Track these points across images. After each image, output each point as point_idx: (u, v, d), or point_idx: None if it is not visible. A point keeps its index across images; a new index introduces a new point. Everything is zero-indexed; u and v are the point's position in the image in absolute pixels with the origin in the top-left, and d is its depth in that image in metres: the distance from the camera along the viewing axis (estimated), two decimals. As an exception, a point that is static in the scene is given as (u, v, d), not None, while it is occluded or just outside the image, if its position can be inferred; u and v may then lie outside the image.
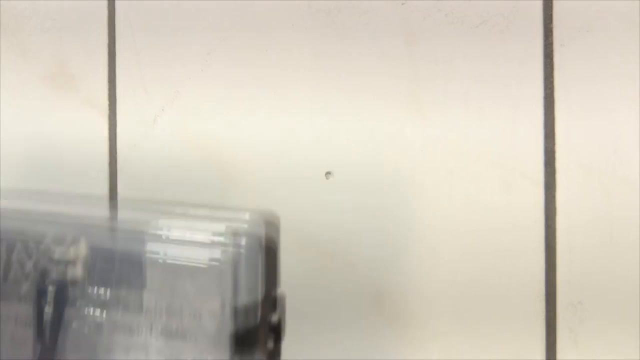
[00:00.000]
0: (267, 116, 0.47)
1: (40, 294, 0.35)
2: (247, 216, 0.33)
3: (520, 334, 0.42)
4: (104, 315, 0.35)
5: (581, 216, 0.41)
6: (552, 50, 0.41)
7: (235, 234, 0.32)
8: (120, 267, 0.34)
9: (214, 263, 0.32)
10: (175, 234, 0.33)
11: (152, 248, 0.33)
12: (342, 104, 0.45)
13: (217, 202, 0.48)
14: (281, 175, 0.47)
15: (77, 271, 0.35)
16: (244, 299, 0.32)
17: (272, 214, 0.33)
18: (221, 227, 0.32)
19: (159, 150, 0.49)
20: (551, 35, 0.41)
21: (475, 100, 0.43)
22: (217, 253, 0.32)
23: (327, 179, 0.46)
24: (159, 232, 0.33)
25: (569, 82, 0.41)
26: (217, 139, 0.48)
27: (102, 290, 0.35)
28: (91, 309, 0.35)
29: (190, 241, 0.33)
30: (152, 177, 0.49)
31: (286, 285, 0.39)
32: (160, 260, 0.33)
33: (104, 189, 0.50)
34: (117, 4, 0.50)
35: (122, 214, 0.38)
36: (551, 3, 0.41)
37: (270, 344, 0.33)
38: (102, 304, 0.35)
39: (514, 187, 0.42)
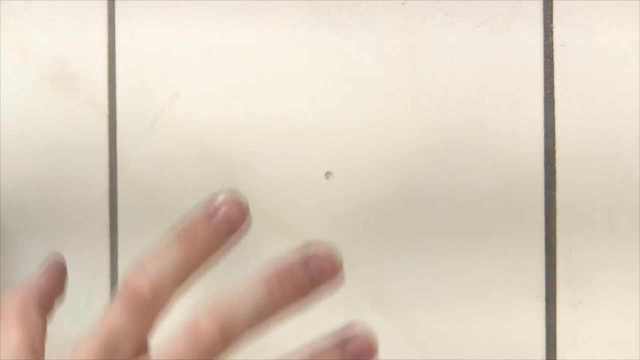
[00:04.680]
0: (267, 116, 0.47)
1: None
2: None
3: (520, 334, 0.42)
4: None
5: (581, 216, 0.41)
6: (552, 50, 0.41)
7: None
8: None
9: None
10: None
11: None
12: (342, 103, 0.45)
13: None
14: (281, 175, 0.47)
15: None
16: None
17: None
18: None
19: (159, 150, 0.49)
20: (551, 35, 0.41)
21: (475, 100, 0.42)
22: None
23: (327, 179, 0.46)
24: None
25: (569, 82, 0.41)
26: (217, 139, 0.48)
27: None
28: None
29: None
30: (152, 177, 0.49)
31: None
32: None
33: (104, 188, 0.50)
34: (117, 4, 0.50)
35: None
36: (551, 3, 0.41)
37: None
38: None
39: (514, 187, 0.42)
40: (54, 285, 0.41)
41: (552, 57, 0.41)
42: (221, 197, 0.33)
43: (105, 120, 0.50)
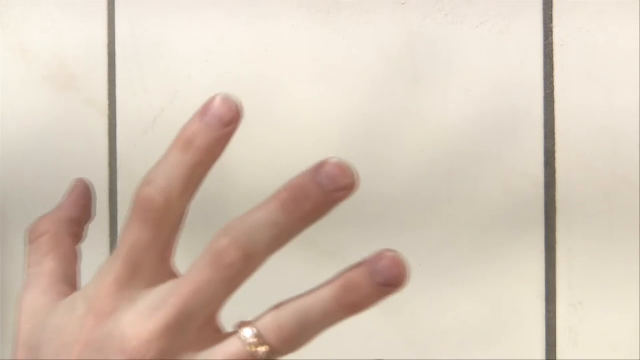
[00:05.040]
0: (266, 116, 0.47)
1: None
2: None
3: (520, 334, 0.42)
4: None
5: (581, 216, 0.41)
6: (552, 50, 0.41)
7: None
8: None
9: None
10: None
11: None
12: (342, 103, 0.45)
13: (216, 202, 0.48)
14: (281, 176, 0.47)
15: None
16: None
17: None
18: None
19: (159, 150, 0.49)
20: (551, 35, 0.41)
21: (475, 100, 0.43)
22: None
23: (327, 179, 0.45)
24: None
25: (569, 82, 0.41)
26: (217, 139, 0.48)
27: None
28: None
29: None
30: (152, 177, 0.49)
31: (286, 285, 0.39)
32: None
33: (104, 189, 0.51)
34: (117, 4, 0.50)
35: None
36: (551, 3, 0.41)
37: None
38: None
39: (514, 187, 0.42)
40: (83, 213, 0.42)
41: (552, 57, 0.41)
42: (211, 99, 0.35)
43: (105, 120, 0.50)
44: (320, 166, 0.33)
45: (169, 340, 0.33)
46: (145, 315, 0.34)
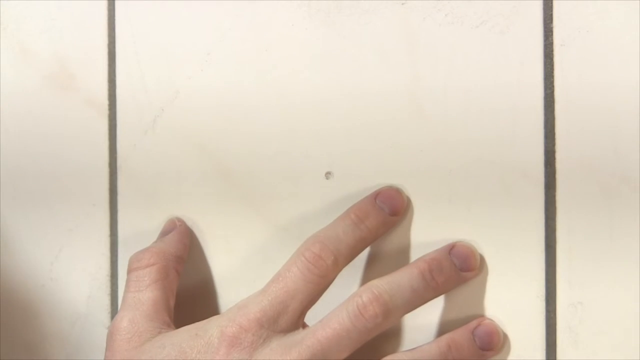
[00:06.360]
0: (266, 116, 0.47)
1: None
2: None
3: (520, 334, 0.42)
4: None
5: (581, 216, 0.41)
6: (552, 50, 0.41)
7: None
8: None
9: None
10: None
11: None
12: (342, 103, 0.45)
13: (215, 201, 0.48)
14: (281, 176, 0.47)
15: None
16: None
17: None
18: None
19: (159, 150, 0.49)
20: (551, 35, 0.41)
21: (475, 100, 0.43)
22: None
23: (327, 179, 0.46)
24: None
25: (569, 82, 0.41)
26: (217, 139, 0.48)
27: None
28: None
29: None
30: (152, 177, 0.49)
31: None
32: None
33: (104, 189, 0.51)
34: (117, 4, 0.50)
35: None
36: (551, 3, 0.41)
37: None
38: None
39: (514, 187, 0.42)
40: (185, 252, 0.45)
41: (552, 57, 0.41)
42: (387, 187, 0.41)
43: (105, 120, 0.50)
44: (452, 245, 0.40)
45: None
46: (278, 353, 0.35)
